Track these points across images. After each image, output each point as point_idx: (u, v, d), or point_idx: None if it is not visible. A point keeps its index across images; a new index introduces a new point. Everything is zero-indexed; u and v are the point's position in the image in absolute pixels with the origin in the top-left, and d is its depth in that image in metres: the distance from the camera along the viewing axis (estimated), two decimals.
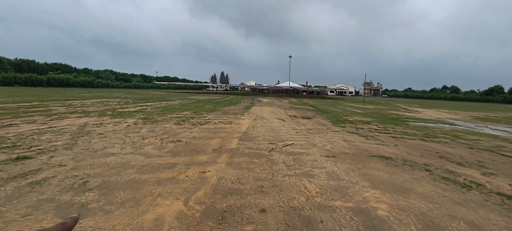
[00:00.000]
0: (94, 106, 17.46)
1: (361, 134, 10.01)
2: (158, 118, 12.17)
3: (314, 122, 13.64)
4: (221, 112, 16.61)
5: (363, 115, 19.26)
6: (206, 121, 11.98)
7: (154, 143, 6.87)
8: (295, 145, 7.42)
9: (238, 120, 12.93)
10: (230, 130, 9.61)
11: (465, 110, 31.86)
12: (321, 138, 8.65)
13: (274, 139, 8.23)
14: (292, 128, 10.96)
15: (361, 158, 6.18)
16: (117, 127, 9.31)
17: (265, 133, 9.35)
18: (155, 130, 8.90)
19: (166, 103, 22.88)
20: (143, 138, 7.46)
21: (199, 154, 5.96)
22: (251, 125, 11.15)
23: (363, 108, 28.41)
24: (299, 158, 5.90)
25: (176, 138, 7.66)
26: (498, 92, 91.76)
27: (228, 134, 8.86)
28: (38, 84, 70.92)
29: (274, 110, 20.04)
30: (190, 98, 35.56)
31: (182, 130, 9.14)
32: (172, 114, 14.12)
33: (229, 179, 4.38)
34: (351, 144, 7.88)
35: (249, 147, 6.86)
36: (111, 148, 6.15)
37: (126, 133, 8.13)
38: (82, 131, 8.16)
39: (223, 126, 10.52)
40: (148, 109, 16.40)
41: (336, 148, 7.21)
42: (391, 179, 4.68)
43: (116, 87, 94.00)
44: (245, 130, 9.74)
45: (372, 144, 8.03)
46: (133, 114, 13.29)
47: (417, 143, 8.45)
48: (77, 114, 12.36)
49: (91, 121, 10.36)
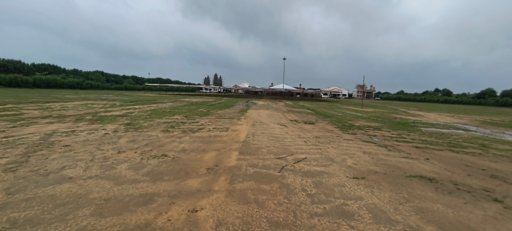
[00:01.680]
0: (74, 109, 15.75)
1: (378, 143, 8.70)
2: (143, 124, 10.62)
3: (319, 127, 12.30)
4: (215, 116, 15.12)
5: (368, 119, 18.05)
6: (199, 127, 10.49)
7: (132, 159, 5.37)
8: (309, 159, 6.04)
9: (235, 125, 11.49)
10: (227, 139, 8.17)
11: (466, 113, 31.12)
12: (335, 149, 7.28)
13: (280, 150, 6.82)
14: (297, 135, 9.58)
15: (398, 179, 4.82)
16: (92, 135, 7.75)
17: (268, 142, 7.93)
18: (137, 140, 7.38)
19: (156, 106, 21.25)
20: (119, 152, 5.95)
21: (189, 177, 4.50)
22: (250, 132, 9.72)
23: (363, 111, 27.30)
24: (320, 182, 4.50)
25: (161, 151, 6.17)
26: (490, 95, 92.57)
27: (225, 144, 7.41)
28: (24, 86, 67.91)
29: (272, 114, 18.65)
30: (182, 100, 33.90)
31: (170, 139, 7.64)
32: (161, 119, 12.58)
33: (232, 225, 2.95)
34: (374, 157, 6.53)
35: (253, 164, 5.43)
36: (72, 168, 4.63)
37: (100, 144, 6.60)
38: (44, 142, 6.58)
39: (219, 134, 9.06)
40: (134, 113, 14.80)
41: (360, 163, 5.85)
42: (461, 219, 3.32)
43: (107, 89, 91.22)
44: (245, 139, 8.31)
45: (398, 157, 6.70)
46: (116, 119, 11.70)
47: (448, 155, 7.17)
48: (50, 120, 10.71)
49: (62, 128, 8.77)
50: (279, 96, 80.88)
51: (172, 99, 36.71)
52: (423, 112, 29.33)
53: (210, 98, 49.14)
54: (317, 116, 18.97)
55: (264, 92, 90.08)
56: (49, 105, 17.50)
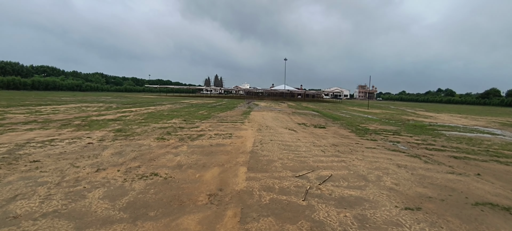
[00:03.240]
0: (65, 113, 14.57)
1: (407, 152, 7.47)
2: (136, 130, 9.42)
3: (331, 132, 11.08)
4: (216, 120, 13.92)
5: (380, 122, 16.81)
6: (199, 133, 9.28)
7: (112, 181, 4.17)
8: (335, 177, 4.82)
9: (239, 130, 10.28)
10: (231, 148, 6.96)
11: (477, 114, 29.84)
12: (362, 162, 6.06)
13: (297, 164, 5.61)
14: (311, 142, 8.37)
15: (464, 210, 3.60)
16: (71, 146, 6.55)
17: (280, 152, 6.72)
18: (124, 151, 6.18)
19: (154, 109, 20.07)
20: (98, 170, 4.74)
21: (184, 210, 3.29)
22: (257, 139, 8.52)
23: (370, 113, 26.05)
24: (364, 217, 3.28)
25: (151, 168, 4.97)
26: (494, 95, 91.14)
27: (230, 155, 6.20)
28: (22, 88, 66.83)
29: (276, 117, 17.44)
30: (182, 102, 32.73)
31: (164, 150, 6.44)
32: (157, 123, 11.39)
33: None
34: (414, 173, 5.31)
35: (267, 187, 4.22)
36: (25, 199, 3.42)
37: (77, 159, 5.40)
38: (9, 157, 5.38)
39: (222, 142, 7.85)
40: (129, 117, 13.61)
41: (401, 183, 4.63)
42: None
43: (106, 90, 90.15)
44: (252, 148, 7.11)
45: (441, 171, 5.48)
46: (107, 124, 10.51)
47: (501, 169, 5.94)
48: (32, 126, 9.52)
49: (40, 136, 7.57)
50: (281, 97, 79.68)
51: (172, 101, 35.54)
52: (433, 114, 28.07)
53: (211, 99, 47.98)
54: (325, 119, 17.75)
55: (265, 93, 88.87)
56: (39, 109, 16.31)
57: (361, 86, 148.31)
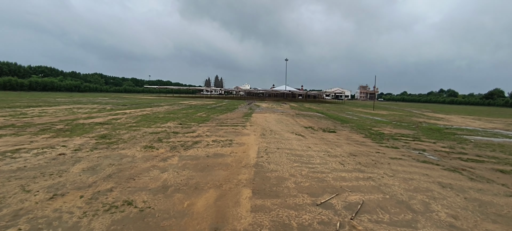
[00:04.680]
0: (52, 115, 13.41)
1: (441, 164, 6.28)
2: (124, 135, 8.26)
3: (344, 137, 9.90)
4: (216, 122, 12.75)
5: (391, 124, 15.62)
6: (194, 140, 8.11)
7: (65, 216, 3.00)
8: (368, 205, 3.65)
9: (241, 135, 9.11)
10: (231, 160, 5.79)
11: (489, 116, 28.61)
12: (395, 180, 4.88)
13: (314, 183, 4.43)
14: (324, 151, 7.19)
15: None
16: (36, 158, 5.37)
17: (290, 165, 5.55)
18: (99, 166, 5.01)
19: (150, 110, 18.90)
20: (55, 195, 3.57)
21: None
22: (261, 147, 7.34)
23: (377, 114, 24.84)
24: None
25: (126, 192, 3.79)
26: (498, 96, 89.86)
27: (229, 171, 5.03)
28: (19, 89, 65.83)
29: (280, 119, 16.26)
30: (181, 103, 31.57)
31: (150, 163, 5.27)
32: (150, 127, 10.23)
33: None
34: (469, 198, 4.12)
35: (280, 223, 3.05)
36: None
37: (35, 177, 4.22)
38: None
39: (220, 151, 6.68)
40: (120, 120, 12.44)
41: (461, 215, 3.45)
42: None
43: (105, 91, 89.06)
44: (256, 159, 5.93)
45: (501, 195, 4.29)
46: (93, 129, 9.34)
47: None
48: (5, 131, 8.36)
49: (6, 145, 6.40)
50: (282, 98, 78.52)
51: (170, 102, 34.38)
52: (442, 115, 26.85)
53: (211, 100, 46.81)
54: (332, 121, 16.56)
55: (266, 94, 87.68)
56: (26, 111, 15.15)
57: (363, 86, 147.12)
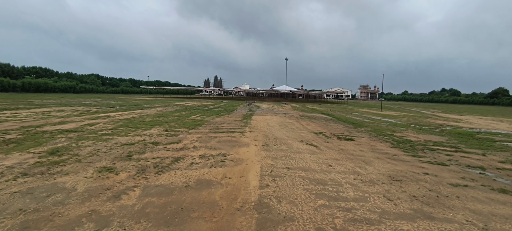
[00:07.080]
0: (18, 120, 11.38)
1: None
2: (83, 150, 6.26)
3: (366, 147, 7.91)
4: (209, 128, 10.74)
5: (412, 128, 13.62)
6: (177, 154, 6.10)
7: None
8: None
9: (237, 147, 7.12)
10: (221, 195, 3.79)
11: (503, 116, 26.63)
12: None
13: None
14: (352, 172, 5.20)
15: None
16: None
17: (312, 204, 3.56)
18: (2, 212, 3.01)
19: (139, 113, 16.91)
20: None
21: None
22: (265, 166, 5.35)
23: (386, 115, 22.84)
24: None
25: None
26: (503, 95, 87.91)
27: (216, 220, 3.03)
28: (11, 90, 63.73)
29: (283, 122, 14.26)
30: (176, 104, 29.56)
31: (88, 206, 3.28)
32: (126, 136, 8.26)
33: None
34: None
35: None
36: None
37: None
38: None
39: (207, 174, 4.68)
40: (95, 126, 10.44)
41: None
42: None
43: (101, 92, 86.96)
44: (259, 191, 3.95)
45: None
46: (51, 139, 7.35)
47: None
48: None
49: None
50: (282, 98, 76.54)
51: (166, 103, 32.37)
52: (458, 116, 24.86)
53: (209, 101, 44.81)
54: (343, 124, 14.57)
55: (265, 94, 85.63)
56: None
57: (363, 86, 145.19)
